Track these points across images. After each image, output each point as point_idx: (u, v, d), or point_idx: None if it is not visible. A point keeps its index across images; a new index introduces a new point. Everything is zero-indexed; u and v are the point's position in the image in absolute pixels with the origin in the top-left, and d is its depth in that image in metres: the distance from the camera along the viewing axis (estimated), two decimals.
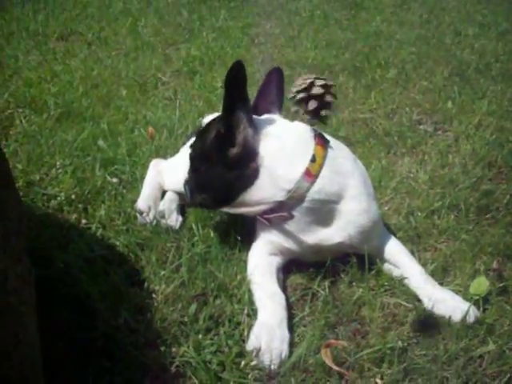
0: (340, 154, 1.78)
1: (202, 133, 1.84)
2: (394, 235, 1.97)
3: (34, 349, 1.03)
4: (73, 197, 2.11)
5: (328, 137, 1.79)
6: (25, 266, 1.14)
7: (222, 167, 1.70)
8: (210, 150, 1.74)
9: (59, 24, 4.57)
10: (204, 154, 1.77)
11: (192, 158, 1.84)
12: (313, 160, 1.65)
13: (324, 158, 1.68)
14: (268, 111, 1.86)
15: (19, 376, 0.90)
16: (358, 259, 1.80)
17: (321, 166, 1.66)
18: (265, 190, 1.67)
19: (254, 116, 1.73)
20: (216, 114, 2.52)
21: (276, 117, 1.83)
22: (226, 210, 1.84)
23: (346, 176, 1.73)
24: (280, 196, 1.65)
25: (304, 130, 1.77)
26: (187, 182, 1.87)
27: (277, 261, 1.80)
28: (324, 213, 1.71)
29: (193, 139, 2.19)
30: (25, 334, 0.97)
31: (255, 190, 1.67)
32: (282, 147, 1.68)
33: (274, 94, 1.92)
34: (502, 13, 5.53)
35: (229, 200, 1.73)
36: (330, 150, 1.71)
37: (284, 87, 1.96)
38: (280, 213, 1.68)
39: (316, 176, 1.65)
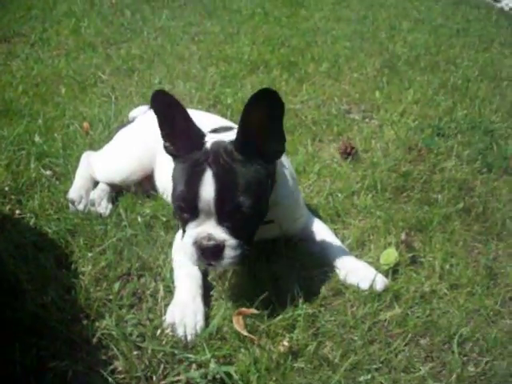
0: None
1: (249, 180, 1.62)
2: (316, 215, 2.10)
3: None
4: (6, 189, 2.19)
5: None
6: None
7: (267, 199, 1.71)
8: (265, 188, 1.70)
9: (2, 26, 4.59)
10: (265, 191, 1.69)
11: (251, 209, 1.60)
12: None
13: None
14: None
15: None
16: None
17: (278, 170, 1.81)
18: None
19: None
20: (141, 107, 2.64)
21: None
22: None
23: (284, 174, 1.86)
24: None
25: None
26: (245, 246, 1.62)
27: None
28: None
29: (124, 132, 2.31)
30: None
31: None
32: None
33: None
34: (438, 9, 5.77)
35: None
36: None
37: None
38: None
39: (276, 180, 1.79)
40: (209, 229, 1.57)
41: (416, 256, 1.96)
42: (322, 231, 2.00)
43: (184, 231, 1.63)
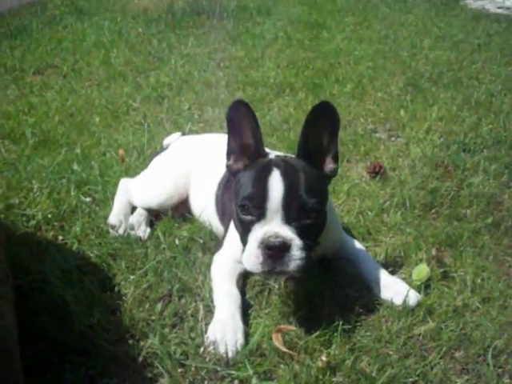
0: None
1: (315, 187, 1.69)
2: (348, 233, 2.16)
3: (11, 333, 1.20)
4: (49, 216, 2.30)
5: None
6: (2, 270, 1.32)
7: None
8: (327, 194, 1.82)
9: (35, 59, 4.78)
10: (325, 199, 1.78)
11: (319, 214, 1.69)
12: None
13: None
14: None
15: None
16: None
17: None
18: None
19: None
20: (174, 135, 2.74)
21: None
22: None
23: None
24: None
25: None
26: (309, 251, 1.65)
27: (240, 267, 1.92)
28: None
29: (158, 159, 2.40)
30: (2, 320, 1.15)
31: None
32: None
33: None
34: (458, 25, 5.82)
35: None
36: None
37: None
38: None
39: None
40: (276, 228, 1.61)
41: (447, 271, 2.00)
42: (355, 249, 2.06)
43: (245, 240, 1.67)
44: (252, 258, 1.62)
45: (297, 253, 1.59)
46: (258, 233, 1.62)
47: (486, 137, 3.05)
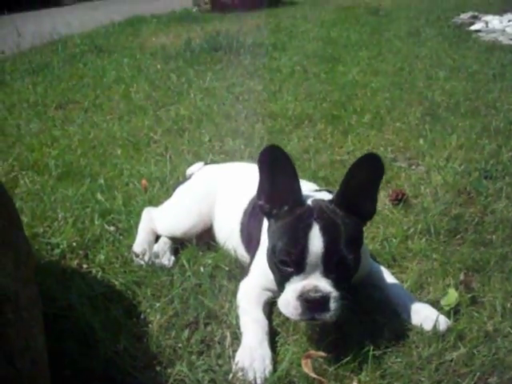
0: None
1: (351, 235, 1.71)
2: (374, 260, 2.15)
3: (42, 355, 1.20)
4: (74, 245, 2.31)
5: None
6: (33, 290, 1.33)
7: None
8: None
9: (57, 94, 4.89)
10: (360, 246, 1.78)
11: (353, 266, 1.71)
12: None
13: None
14: None
15: (29, 375, 1.06)
16: None
17: None
18: None
19: None
20: (197, 164, 2.77)
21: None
22: None
23: None
24: None
25: None
26: (339, 299, 1.66)
27: (266, 294, 1.94)
28: None
29: (182, 189, 2.42)
30: (34, 342, 1.15)
31: None
32: None
33: None
34: (472, 56, 5.86)
35: None
36: None
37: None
38: None
39: None
40: (315, 281, 1.64)
41: (476, 296, 1.97)
42: (381, 275, 2.04)
43: (282, 287, 1.69)
44: (290, 309, 1.66)
45: (334, 304, 1.64)
46: (297, 285, 1.65)
47: (507, 163, 3.03)
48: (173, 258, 2.25)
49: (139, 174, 3.00)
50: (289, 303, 1.65)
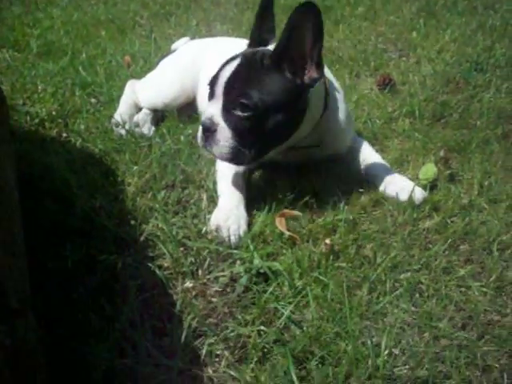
0: (332, 80, 1.94)
1: (263, 85, 1.65)
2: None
3: (13, 192, 1.19)
4: (54, 114, 2.28)
5: None
6: (3, 130, 1.30)
7: (295, 113, 1.71)
8: (286, 100, 1.67)
9: None
10: (278, 106, 1.66)
11: (256, 115, 1.64)
12: (327, 93, 1.81)
13: (328, 87, 1.83)
14: (266, 40, 1.84)
15: None
16: None
17: (330, 96, 1.83)
18: (305, 128, 1.78)
19: None
20: (183, 39, 2.68)
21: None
22: (268, 157, 1.80)
23: (336, 100, 1.90)
24: (309, 129, 1.80)
25: None
26: (239, 147, 1.66)
27: None
28: (326, 133, 1.88)
29: (167, 61, 2.35)
30: (1, 170, 1.13)
31: (300, 129, 1.76)
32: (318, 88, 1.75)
33: (270, 21, 1.87)
34: None
35: (281, 143, 1.76)
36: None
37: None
38: (305, 145, 1.84)
39: (327, 106, 1.82)
40: (212, 110, 1.68)
41: (454, 174, 1.97)
42: (364, 149, 2.03)
43: None
44: (198, 135, 1.72)
45: (221, 139, 1.65)
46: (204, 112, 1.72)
47: (500, 58, 2.97)
48: (153, 128, 2.22)
49: (123, 53, 2.92)
50: (198, 130, 1.71)
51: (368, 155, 2.00)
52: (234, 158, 1.67)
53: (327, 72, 1.91)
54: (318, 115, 1.80)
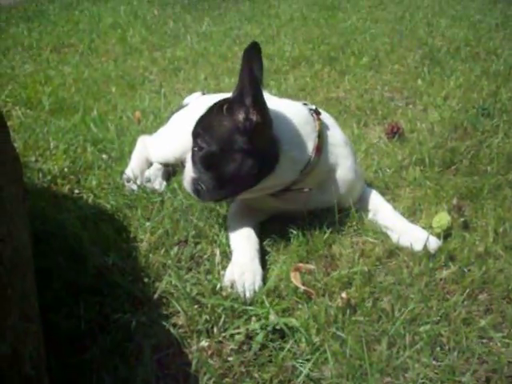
0: (330, 124, 1.95)
1: (214, 127, 1.75)
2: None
3: (25, 248, 1.19)
4: (66, 170, 2.30)
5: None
6: (18, 190, 1.32)
7: (247, 157, 1.70)
8: (234, 142, 1.70)
9: (52, 38, 4.84)
10: (227, 147, 1.71)
11: (208, 154, 1.74)
12: (319, 136, 1.81)
13: (324, 132, 1.84)
14: None
15: (11, 262, 1.05)
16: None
17: (324, 140, 1.83)
18: (284, 173, 1.78)
19: None
20: (195, 94, 2.72)
21: (268, 95, 1.86)
22: (242, 196, 1.86)
23: (339, 146, 1.91)
24: (295, 175, 1.79)
25: (304, 107, 1.90)
26: (201, 181, 1.78)
27: (256, 213, 1.95)
28: (324, 181, 1.89)
29: (178, 116, 2.38)
30: (17, 232, 1.14)
31: (275, 174, 1.76)
32: (295, 130, 1.78)
33: (256, 70, 1.84)
34: (475, 7, 5.74)
35: (249, 186, 1.78)
36: (324, 122, 1.88)
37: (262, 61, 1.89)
38: (297, 187, 1.83)
39: (321, 150, 1.81)
40: (189, 160, 1.83)
41: (468, 221, 1.95)
42: (374, 198, 2.03)
43: None
44: None
45: (186, 173, 1.82)
46: None
47: (506, 103, 2.99)
48: (164, 183, 2.23)
49: (133, 108, 2.97)
50: None
51: (379, 205, 1.99)
52: (193, 191, 1.81)
53: (326, 117, 1.94)
54: (303, 159, 1.78)
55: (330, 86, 3.33)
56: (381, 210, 1.96)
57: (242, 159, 1.70)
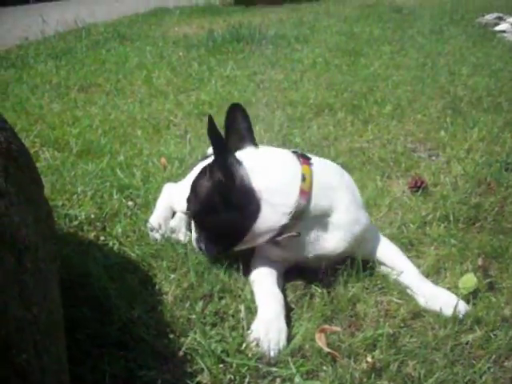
0: (325, 168, 1.98)
1: (197, 190, 1.93)
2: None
3: (58, 307, 1.21)
4: (92, 217, 2.33)
5: (312, 155, 1.99)
6: (51, 247, 1.35)
7: (228, 212, 1.82)
8: (213, 202, 1.84)
9: (80, 77, 4.95)
10: (208, 207, 1.87)
11: (195, 215, 1.97)
12: (303, 179, 1.82)
13: (311, 175, 1.85)
14: (240, 147, 1.96)
15: (45, 322, 1.07)
16: (353, 262, 1.95)
17: (311, 183, 1.83)
18: (270, 220, 1.81)
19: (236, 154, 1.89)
20: None
21: (252, 149, 1.97)
22: (239, 248, 1.93)
23: (334, 189, 1.91)
24: (284, 220, 1.81)
25: (287, 153, 1.95)
26: (200, 240, 1.98)
27: (277, 266, 1.96)
28: (320, 226, 1.88)
29: (200, 165, 2.41)
30: (51, 293, 1.16)
31: (261, 222, 1.81)
32: (275, 177, 1.84)
33: (242, 130, 2.01)
34: (496, 55, 5.79)
35: (240, 238, 1.86)
36: (314, 166, 1.89)
37: (250, 120, 2.05)
38: (288, 234, 1.83)
39: (309, 192, 1.82)
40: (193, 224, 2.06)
41: (493, 282, 1.95)
42: (398, 256, 2.02)
43: None
44: None
45: (200, 245, 1.99)
46: None
47: None
48: (188, 233, 2.25)
49: (158, 154, 3.02)
50: None
51: (403, 264, 1.98)
52: (199, 248, 2.01)
53: (319, 162, 1.97)
54: (288, 203, 1.80)
55: (353, 135, 3.35)
56: (405, 270, 1.95)
57: (225, 214, 1.83)
